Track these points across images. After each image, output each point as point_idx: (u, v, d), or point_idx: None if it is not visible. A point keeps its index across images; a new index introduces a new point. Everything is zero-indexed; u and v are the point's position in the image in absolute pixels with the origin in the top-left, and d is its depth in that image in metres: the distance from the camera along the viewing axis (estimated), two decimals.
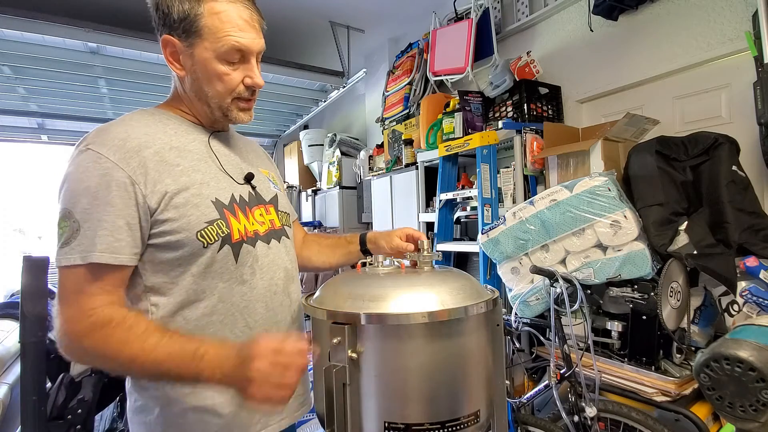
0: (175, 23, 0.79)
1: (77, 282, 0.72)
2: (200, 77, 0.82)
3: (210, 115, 0.87)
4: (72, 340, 0.71)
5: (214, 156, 0.87)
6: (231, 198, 0.84)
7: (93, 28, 2.57)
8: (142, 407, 0.80)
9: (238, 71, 0.83)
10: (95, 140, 0.76)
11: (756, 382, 0.95)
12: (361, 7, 3.09)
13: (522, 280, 1.78)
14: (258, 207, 0.90)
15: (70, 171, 0.74)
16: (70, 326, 0.71)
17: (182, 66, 0.83)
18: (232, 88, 0.83)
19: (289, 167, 4.80)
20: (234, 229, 0.82)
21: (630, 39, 2.07)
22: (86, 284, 0.72)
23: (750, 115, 1.61)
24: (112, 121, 0.81)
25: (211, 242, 0.79)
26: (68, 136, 4.56)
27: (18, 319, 1.61)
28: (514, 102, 2.25)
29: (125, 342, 0.70)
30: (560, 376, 1.47)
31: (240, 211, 0.85)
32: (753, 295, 1.40)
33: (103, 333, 0.70)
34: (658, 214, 1.52)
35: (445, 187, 2.40)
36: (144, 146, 0.77)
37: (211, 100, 0.84)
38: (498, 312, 0.79)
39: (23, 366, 1.58)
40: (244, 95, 0.85)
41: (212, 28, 0.79)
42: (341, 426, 0.67)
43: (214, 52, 0.80)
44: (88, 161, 0.74)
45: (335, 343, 0.67)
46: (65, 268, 0.72)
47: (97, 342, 0.70)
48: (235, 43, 0.80)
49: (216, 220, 0.80)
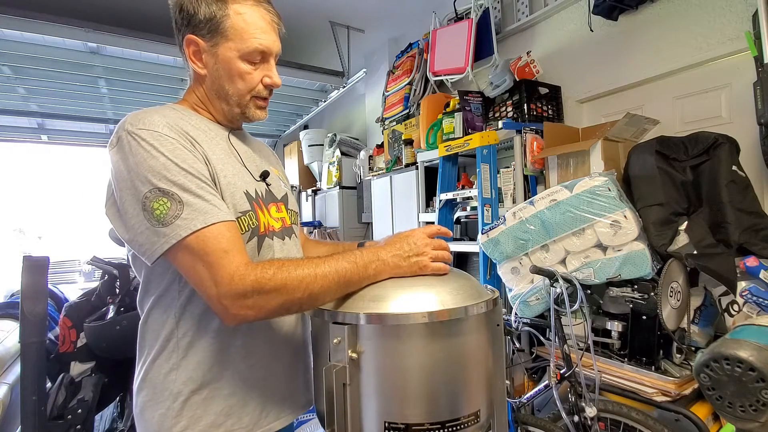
0: (201, 23, 0.82)
1: (212, 244, 0.70)
2: (222, 75, 0.85)
3: (229, 113, 0.89)
4: (248, 291, 0.69)
5: (235, 152, 0.89)
6: (256, 192, 0.87)
7: (93, 28, 2.57)
8: (151, 402, 0.80)
9: (258, 71, 0.87)
10: (140, 124, 0.75)
11: (756, 382, 0.95)
12: (361, 7, 3.09)
13: (522, 280, 1.78)
14: (272, 204, 0.92)
15: (129, 156, 0.72)
16: (238, 280, 0.69)
17: (204, 64, 0.86)
18: (253, 86, 0.87)
19: (289, 167, 4.80)
20: (261, 222, 0.85)
21: (630, 39, 2.07)
22: (225, 241, 0.71)
23: (750, 115, 1.61)
24: (137, 111, 0.79)
25: (242, 232, 0.80)
26: (68, 136, 4.57)
27: (18, 319, 1.61)
28: (514, 102, 2.25)
29: (300, 266, 0.72)
30: (560, 376, 1.47)
31: (264, 206, 0.88)
32: (753, 295, 1.40)
33: (276, 268, 0.71)
34: (658, 214, 1.52)
35: (445, 187, 2.40)
36: (185, 129, 0.79)
37: (231, 98, 0.87)
38: (498, 312, 0.79)
39: (23, 366, 1.58)
40: (263, 94, 0.89)
41: (237, 29, 0.83)
42: (341, 426, 0.67)
43: (238, 52, 0.84)
44: (150, 140, 0.73)
45: (335, 343, 0.67)
46: (188, 238, 0.69)
47: (277, 278, 0.70)
48: (259, 45, 0.84)
49: (248, 211, 0.82)
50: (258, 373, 0.85)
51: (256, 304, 0.70)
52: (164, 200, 0.70)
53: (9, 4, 2.35)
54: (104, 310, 1.97)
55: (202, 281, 0.70)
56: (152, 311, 0.83)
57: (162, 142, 0.73)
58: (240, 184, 0.83)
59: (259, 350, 0.85)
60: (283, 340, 0.89)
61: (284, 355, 0.89)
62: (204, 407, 0.79)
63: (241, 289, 0.69)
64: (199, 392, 0.80)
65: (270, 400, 0.86)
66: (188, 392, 0.79)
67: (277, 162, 1.10)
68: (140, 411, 0.82)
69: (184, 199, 0.71)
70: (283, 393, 0.89)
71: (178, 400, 0.79)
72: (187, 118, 0.84)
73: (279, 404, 0.88)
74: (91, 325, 1.88)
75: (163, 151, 0.72)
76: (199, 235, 0.70)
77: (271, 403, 0.86)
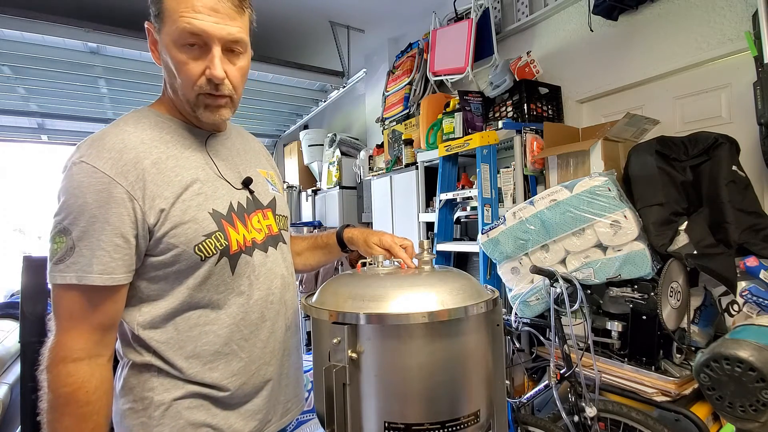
0: (151, 7, 0.75)
1: (71, 306, 0.71)
2: (169, 67, 0.76)
3: (190, 112, 0.81)
4: (50, 363, 0.71)
5: (211, 162, 0.84)
6: (229, 207, 0.82)
7: (93, 28, 2.57)
8: (130, 410, 0.78)
9: (199, 62, 0.74)
10: (90, 152, 0.72)
11: (756, 382, 0.95)
12: (361, 7, 3.09)
13: (522, 280, 1.78)
14: (256, 213, 0.88)
15: (65, 185, 0.71)
16: (55, 352, 0.70)
17: (159, 55, 0.78)
18: (192, 80, 0.74)
19: (289, 167, 4.80)
20: (233, 240, 0.81)
21: (630, 39, 2.07)
22: (80, 311, 0.71)
23: (750, 115, 1.61)
24: (106, 127, 0.77)
25: (209, 255, 0.77)
26: (68, 136, 4.56)
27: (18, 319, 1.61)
28: (514, 102, 2.25)
29: (73, 425, 0.70)
30: (560, 376, 1.47)
31: (238, 220, 0.83)
32: (753, 295, 1.40)
33: (66, 392, 0.69)
34: (658, 214, 1.52)
35: (445, 187, 2.40)
36: (142, 157, 0.74)
37: (181, 95, 0.78)
38: (498, 312, 0.79)
39: (23, 366, 1.58)
40: (206, 89, 0.76)
41: (170, 9, 0.71)
42: (341, 426, 0.67)
43: (170, 36, 0.72)
44: (83, 175, 0.70)
45: (335, 343, 0.67)
46: (59, 286, 0.70)
47: (57, 388, 0.70)
48: (187, 25, 0.70)
49: (214, 232, 0.78)
50: (244, 381, 0.83)
51: (50, 385, 0.70)
52: (62, 238, 0.70)
53: (9, 4, 2.35)
54: None
55: (51, 324, 0.72)
56: None
57: (91, 181, 0.70)
58: (206, 204, 0.78)
59: (244, 355, 0.83)
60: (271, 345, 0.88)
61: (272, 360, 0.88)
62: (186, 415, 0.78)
63: (49, 362, 0.70)
64: (181, 401, 0.78)
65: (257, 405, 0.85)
66: (170, 400, 0.78)
67: (267, 161, 1.03)
68: (119, 419, 0.80)
69: (75, 246, 0.69)
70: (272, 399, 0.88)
71: (159, 409, 0.77)
72: (160, 126, 0.80)
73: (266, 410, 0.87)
74: None
75: (86, 192, 0.70)
76: (68, 287, 0.70)
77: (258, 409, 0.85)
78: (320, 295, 0.78)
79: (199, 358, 0.79)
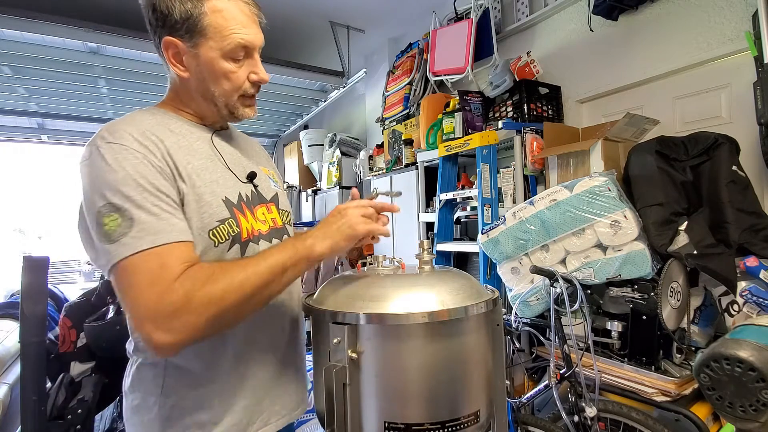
0: (177, 24, 0.78)
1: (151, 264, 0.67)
2: (206, 77, 0.81)
3: (217, 114, 0.86)
4: (177, 309, 0.65)
5: (219, 154, 0.86)
6: (239, 197, 0.84)
7: (93, 28, 2.57)
8: (140, 406, 0.80)
9: (243, 68, 0.83)
10: (112, 136, 0.72)
11: (756, 382, 0.95)
12: (361, 7, 3.09)
13: (522, 280, 1.78)
14: (260, 206, 0.89)
15: (95, 167, 0.70)
16: (167, 298, 0.65)
17: (186, 67, 0.81)
18: (239, 85, 0.83)
19: (289, 167, 4.80)
20: (243, 228, 0.82)
21: (630, 39, 2.07)
22: (164, 259, 0.67)
23: (750, 115, 1.61)
24: (116, 120, 0.78)
25: (222, 241, 0.78)
26: (68, 136, 4.56)
27: (18, 319, 1.61)
28: (514, 102, 2.25)
29: (228, 271, 0.69)
30: (560, 376, 1.47)
31: (247, 210, 0.85)
32: (753, 295, 1.40)
33: (203, 277, 0.67)
34: (658, 214, 1.52)
35: (445, 187, 2.40)
36: (162, 138, 0.76)
37: (218, 99, 0.84)
38: (498, 312, 0.79)
39: (23, 366, 1.58)
40: (250, 92, 0.85)
41: (216, 26, 0.78)
42: (341, 426, 0.67)
43: (221, 51, 0.79)
44: (115, 153, 0.70)
45: (335, 343, 0.67)
46: (135, 255, 0.66)
47: (204, 292, 0.66)
48: (241, 41, 0.80)
49: (227, 219, 0.80)
50: (247, 380, 0.83)
51: (184, 326, 0.66)
52: (115, 216, 0.67)
53: (9, 4, 2.35)
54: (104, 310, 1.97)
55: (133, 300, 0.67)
56: None
57: (126, 155, 0.70)
58: (219, 191, 0.80)
59: (249, 355, 0.84)
60: (273, 345, 0.88)
61: (274, 360, 0.88)
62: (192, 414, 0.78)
63: (168, 308, 0.65)
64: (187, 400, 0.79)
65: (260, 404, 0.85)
66: (177, 398, 0.78)
67: (267, 160, 1.06)
68: (129, 414, 0.81)
69: (135, 217, 0.67)
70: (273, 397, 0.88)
71: (165, 406, 0.78)
72: (166, 122, 0.81)
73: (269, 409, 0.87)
74: (91, 325, 1.87)
75: (124, 165, 0.69)
76: (143, 254, 0.66)
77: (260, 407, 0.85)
78: (320, 294, 0.79)
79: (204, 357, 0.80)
